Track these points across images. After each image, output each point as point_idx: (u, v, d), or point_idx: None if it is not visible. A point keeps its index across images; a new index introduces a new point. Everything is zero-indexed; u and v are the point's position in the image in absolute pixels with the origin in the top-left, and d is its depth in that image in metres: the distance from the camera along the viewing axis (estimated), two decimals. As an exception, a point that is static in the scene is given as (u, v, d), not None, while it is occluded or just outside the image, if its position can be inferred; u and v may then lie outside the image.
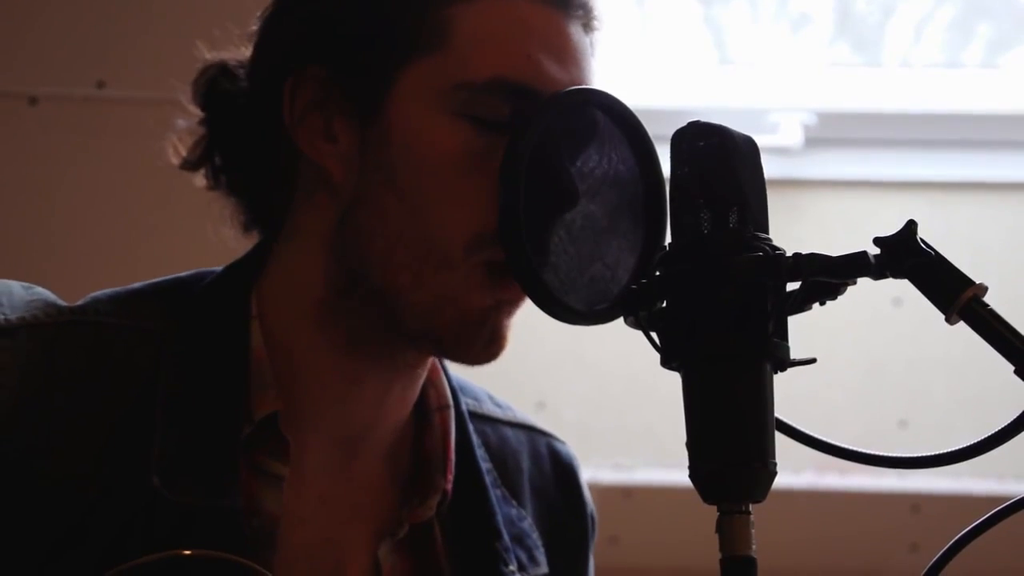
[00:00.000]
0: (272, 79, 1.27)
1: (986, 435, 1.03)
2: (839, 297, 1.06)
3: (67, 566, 1.19)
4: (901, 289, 1.04)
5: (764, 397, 1.03)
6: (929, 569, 1.05)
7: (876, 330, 2.62)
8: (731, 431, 1.02)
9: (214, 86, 1.34)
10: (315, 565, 1.29)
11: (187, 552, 1.17)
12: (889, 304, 2.60)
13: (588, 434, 2.64)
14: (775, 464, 1.03)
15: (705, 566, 1.20)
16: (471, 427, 1.39)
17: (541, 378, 2.64)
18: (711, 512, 1.04)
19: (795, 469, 2.55)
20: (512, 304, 1.24)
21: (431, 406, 1.36)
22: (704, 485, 1.03)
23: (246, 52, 1.34)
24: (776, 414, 1.05)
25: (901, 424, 2.62)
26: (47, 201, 2.46)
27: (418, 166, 1.22)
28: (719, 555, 1.03)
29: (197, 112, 1.36)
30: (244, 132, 1.32)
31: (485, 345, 1.24)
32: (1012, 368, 1.03)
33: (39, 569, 1.19)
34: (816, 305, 1.06)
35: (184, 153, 1.37)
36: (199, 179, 1.37)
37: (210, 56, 1.35)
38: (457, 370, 1.43)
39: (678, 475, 2.63)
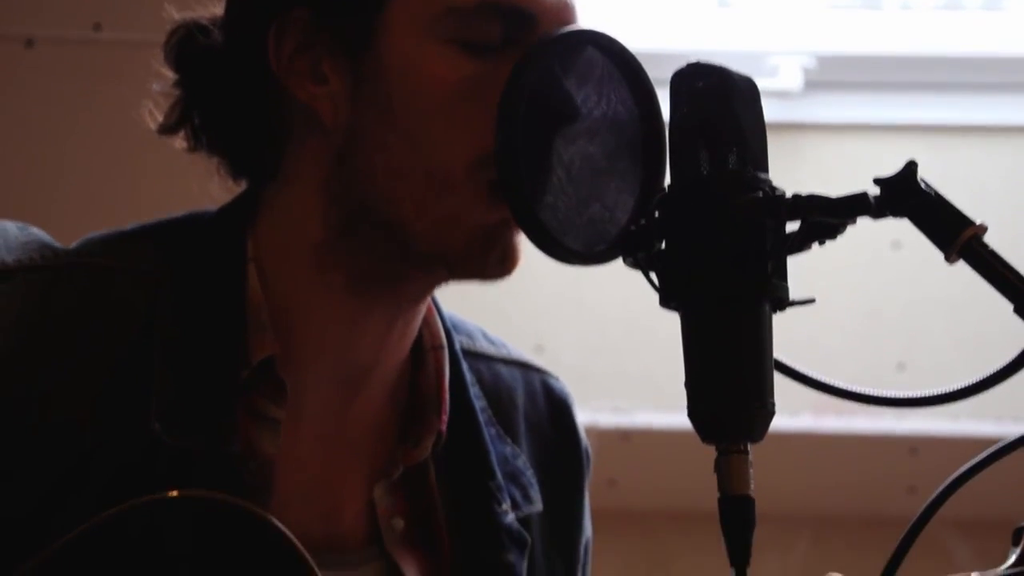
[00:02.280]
0: (253, 28, 1.27)
1: (984, 375, 1.04)
2: (838, 240, 1.07)
3: (66, 508, 1.19)
4: (900, 232, 1.05)
5: (763, 337, 1.03)
6: (926, 508, 1.05)
7: (875, 273, 2.63)
8: (730, 371, 1.02)
9: (188, 44, 1.33)
10: (311, 507, 1.30)
11: (173, 493, 1.18)
12: (888, 247, 2.60)
13: (587, 377, 2.64)
14: (773, 404, 1.03)
15: (704, 508, 1.21)
16: (465, 366, 1.39)
17: (540, 322, 2.65)
18: (710, 455, 1.05)
19: (792, 412, 2.56)
20: None
21: (425, 346, 1.37)
22: (702, 425, 1.03)
23: (216, 10, 1.33)
24: (775, 355, 1.05)
25: (900, 367, 2.62)
26: (43, 144, 2.45)
27: (413, 97, 1.21)
28: (717, 496, 1.04)
29: (170, 75, 1.34)
30: (224, 86, 1.31)
31: (499, 262, 1.24)
32: (1011, 308, 1.04)
33: (38, 511, 1.20)
34: (815, 245, 1.06)
35: (160, 118, 1.36)
36: (178, 142, 1.36)
37: (179, 16, 1.34)
38: (455, 305, 1.43)
39: (677, 418, 2.65)
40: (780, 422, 1.04)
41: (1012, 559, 1.32)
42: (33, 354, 1.22)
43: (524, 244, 1.24)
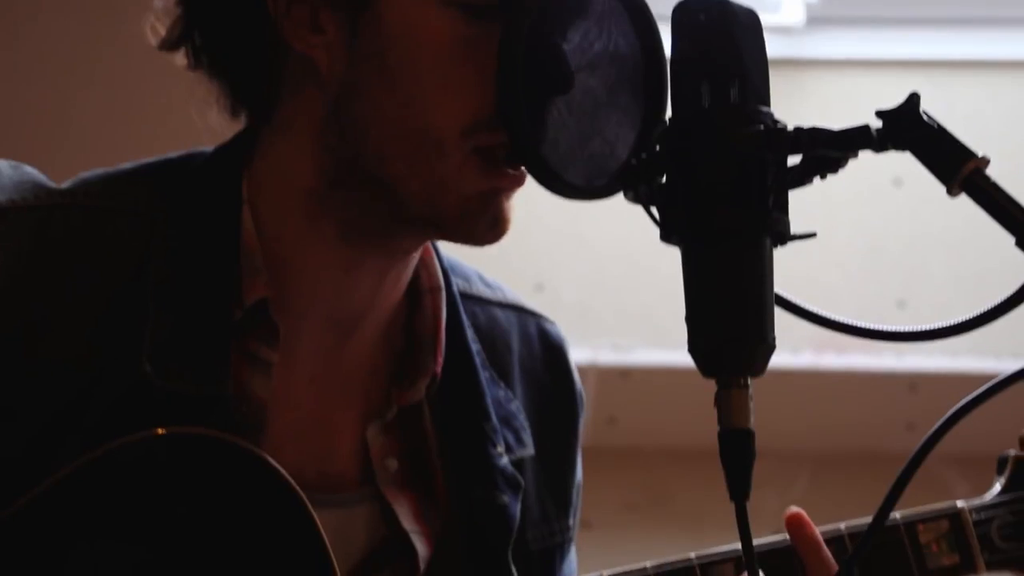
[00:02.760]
0: None
1: (984, 308, 1.03)
2: (839, 177, 1.06)
3: (60, 446, 1.20)
4: (902, 169, 1.05)
5: (764, 271, 1.03)
6: (925, 442, 1.05)
7: (876, 210, 2.62)
8: (730, 305, 1.02)
9: None
10: (304, 447, 1.30)
11: (160, 431, 1.19)
12: (889, 184, 2.59)
13: (587, 315, 2.64)
14: (774, 338, 1.03)
15: (704, 445, 1.21)
16: (462, 308, 1.39)
17: (540, 259, 2.64)
18: (710, 392, 1.05)
19: (793, 349, 2.56)
20: (511, 189, 1.24)
21: (422, 288, 1.36)
22: (703, 359, 1.03)
23: None
24: (775, 290, 1.05)
25: (900, 304, 2.62)
26: (39, 79, 2.44)
27: (410, 56, 1.21)
28: (718, 430, 1.04)
29: None
30: (224, 13, 1.30)
31: (489, 227, 1.24)
32: (1012, 243, 1.03)
33: (33, 447, 1.20)
34: (817, 179, 1.06)
35: (163, 33, 1.35)
36: (180, 59, 1.35)
37: None
38: (452, 249, 1.42)
39: (676, 355, 2.65)
40: (780, 359, 1.04)
41: (997, 488, 1.34)
42: (27, 292, 1.22)
43: (517, 195, 1.23)
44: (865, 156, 1.06)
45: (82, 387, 1.21)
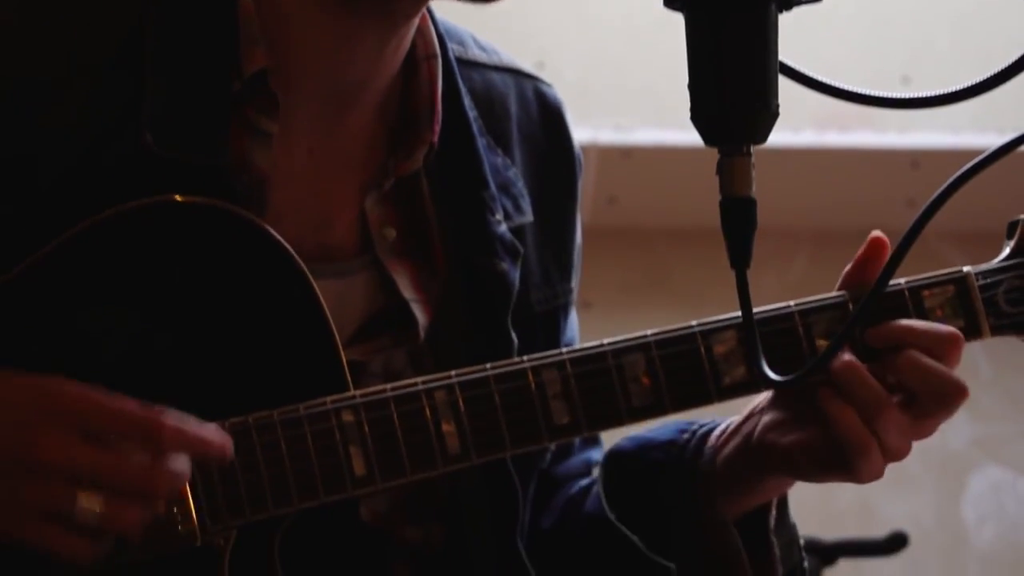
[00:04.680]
0: None
1: (988, 75, 1.02)
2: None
3: (57, 212, 1.20)
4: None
5: (768, 37, 1.01)
6: (924, 211, 1.05)
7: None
8: (734, 70, 1.01)
9: None
10: (303, 218, 1.30)
11: (178, 197, 1.19)
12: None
13: (588, 94, 2.63)
14: (777, 106, 1.02)
15: (704, 224, 1.21)
16: (458, 75, 1.37)
17: (540, 37, 2.62)
18: (710, 170, 1.04)
19: (794, 128, 2.55)
20: None
21: (419, 55, 1.35)
22: (705, 126, 1.03)
23: None
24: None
25: (904, 80, 2.60)
26: None
27: None
28: (719, 201, 1.04)
29: None
30: None
31: None
32: (1018, 21, 1.02)
33: (29, 210, 1.20)
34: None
35: None
36: None
37: None
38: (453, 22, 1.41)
39: (678, 135, 2.65)
40: (782, 138, 1.03)
41: (1006, 251, 1.33)
42: (21, 56, 1.22)
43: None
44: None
45: (81, 153, 1.20)
